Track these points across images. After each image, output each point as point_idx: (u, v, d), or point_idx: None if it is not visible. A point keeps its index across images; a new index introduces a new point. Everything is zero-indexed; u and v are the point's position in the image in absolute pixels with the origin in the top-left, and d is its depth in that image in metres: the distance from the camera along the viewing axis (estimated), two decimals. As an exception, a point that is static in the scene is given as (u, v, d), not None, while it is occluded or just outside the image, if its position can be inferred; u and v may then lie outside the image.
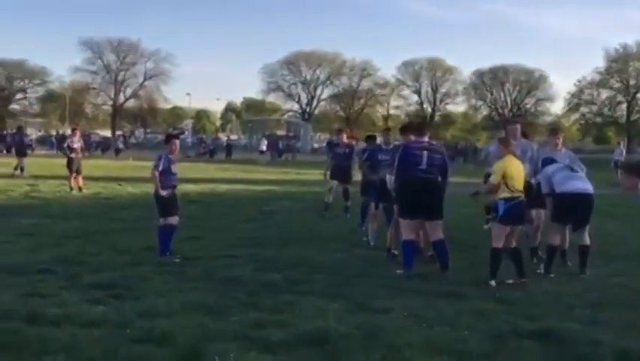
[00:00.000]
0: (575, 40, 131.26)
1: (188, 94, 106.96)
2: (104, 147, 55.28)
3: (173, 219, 8.94)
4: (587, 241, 8.44)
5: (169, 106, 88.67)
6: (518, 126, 9.88)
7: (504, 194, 7.67)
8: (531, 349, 5.28)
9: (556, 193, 8.42)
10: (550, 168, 8.66)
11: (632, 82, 74.17)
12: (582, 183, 8.47)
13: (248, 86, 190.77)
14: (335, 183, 13.56)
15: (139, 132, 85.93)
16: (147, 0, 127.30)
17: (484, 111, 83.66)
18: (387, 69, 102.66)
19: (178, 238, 9.20)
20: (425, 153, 8.19)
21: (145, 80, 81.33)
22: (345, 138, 14.11)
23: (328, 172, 13.76)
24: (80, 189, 17.80)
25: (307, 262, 8.64)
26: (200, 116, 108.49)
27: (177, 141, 9.50)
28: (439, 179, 8.31)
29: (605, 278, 8.14)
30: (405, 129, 9.00)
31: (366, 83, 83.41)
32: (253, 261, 8.62)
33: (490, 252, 7.67)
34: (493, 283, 7.53)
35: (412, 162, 8.19)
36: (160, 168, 8.84)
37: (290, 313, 6.13)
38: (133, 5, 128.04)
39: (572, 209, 8.34)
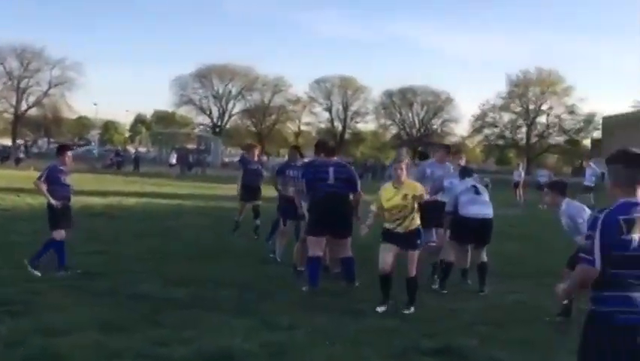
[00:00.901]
0: (480, 64, 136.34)
1: (95, 104, 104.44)
2: (4, 155, 52.89)
3: (58, 234, 8.64)
4: (485, 258, 8.74)
5: (75, 116, 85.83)
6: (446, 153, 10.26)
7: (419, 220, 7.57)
8: (432, 365, 5.40)
9: (459, 215, 8.67)
10: (458, 188, 8.86)
11: (531, 106, 77.87)
12: (484, 208, 8.73)
13: (158, 99, 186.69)
14: (246, 203, 13.15)
15: (42, 142, 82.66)
16: (53, 6, 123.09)
17: (393, 130, 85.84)
18: (300, 86, 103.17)
19: (81, 252, 8.91)
20: (331, 168, 8.39)
21: (50, 88, 78.07)
22: (256, 156, 13.53)
23: (240, 187, 13.38)
24: (-25, 199, 16.99)
25: (214, 278, 8.53)
26: (108, 127, 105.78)
27: (70, 153, 9.18)
28: (349, 195, 8.45)
29: (504, 296, 8.43)
30: (317, 147, 9.05)
31: (278, 99, 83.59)
32: (159, 276, 8.44)
33: (411, 280, 7.35)
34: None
35: (319, 178, 8.38)
36: (43, 178, 8.63)
37: (194, 329, 6.03)
38: (37, 11, 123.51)
39: (472, 232, 8.62)
